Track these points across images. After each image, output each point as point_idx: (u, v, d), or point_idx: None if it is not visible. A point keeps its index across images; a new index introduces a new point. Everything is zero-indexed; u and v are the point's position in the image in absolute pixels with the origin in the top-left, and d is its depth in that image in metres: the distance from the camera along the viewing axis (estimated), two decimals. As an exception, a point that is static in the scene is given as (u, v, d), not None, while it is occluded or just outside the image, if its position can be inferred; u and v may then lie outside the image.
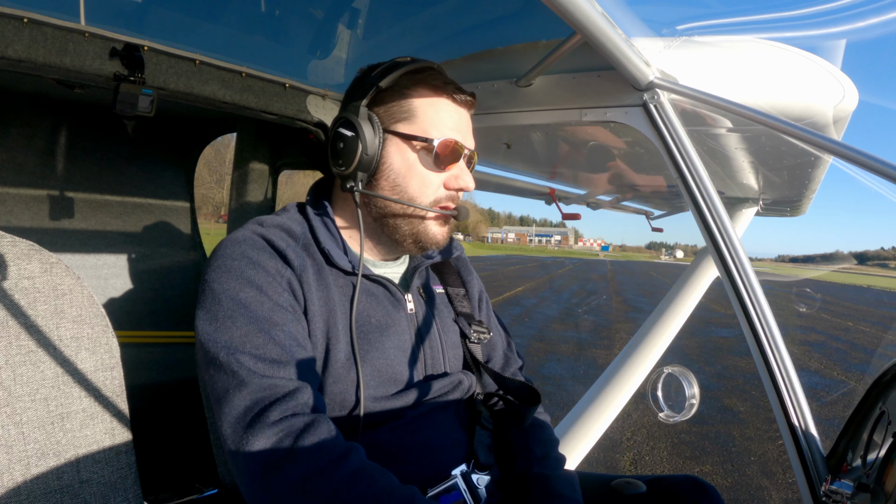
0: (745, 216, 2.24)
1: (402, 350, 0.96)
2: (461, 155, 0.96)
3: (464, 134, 0.97)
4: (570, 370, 6.56)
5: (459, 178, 0.96)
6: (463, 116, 0.98)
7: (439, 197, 0.96)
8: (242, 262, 0.84)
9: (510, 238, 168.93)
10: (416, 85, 0.95)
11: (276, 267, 0.86)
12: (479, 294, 1.21)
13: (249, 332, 0.79)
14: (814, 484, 0.92)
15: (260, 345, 0.78)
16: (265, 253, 0.87)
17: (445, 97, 0.96)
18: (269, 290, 0.83)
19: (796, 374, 0.95)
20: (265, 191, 1.98)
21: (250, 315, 0.80)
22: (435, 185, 0.95)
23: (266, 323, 0.80)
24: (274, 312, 0.82)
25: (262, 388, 0.75)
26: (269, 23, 1.42)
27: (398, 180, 0.94)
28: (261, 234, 0.89)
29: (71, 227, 1.99)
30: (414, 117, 0.94)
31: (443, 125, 0.94)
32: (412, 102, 0.94)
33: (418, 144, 0.94)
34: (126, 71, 1.17)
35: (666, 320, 2.35)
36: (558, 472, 1.04)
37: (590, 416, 2.30)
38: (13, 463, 0.83)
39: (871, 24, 0.98)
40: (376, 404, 0.90)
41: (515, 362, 1.21)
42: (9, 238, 0.88)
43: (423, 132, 0.93)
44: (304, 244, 0.94)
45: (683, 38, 1.10)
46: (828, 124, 1.19)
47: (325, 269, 0.93)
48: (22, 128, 1.89)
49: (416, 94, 0.94)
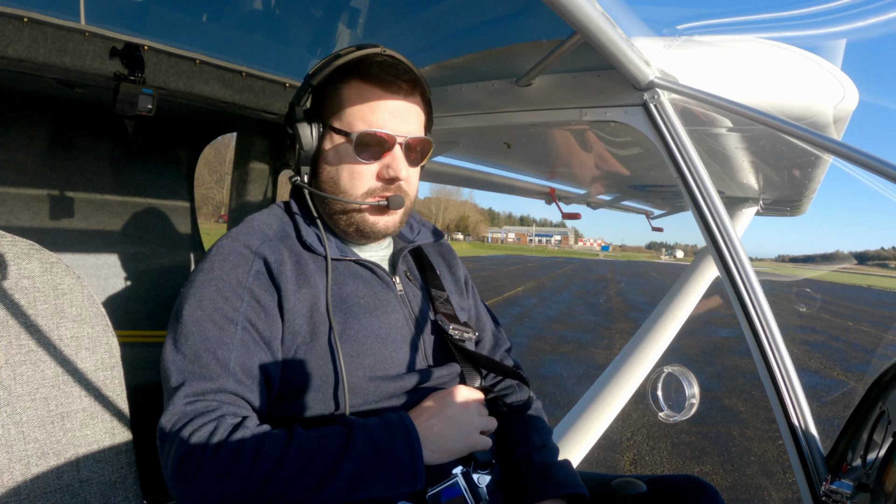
0: (745, 216, 2.24)
1: (394, 328, 0.97)
2: (391, 145, 0.95)
3: (397, 123, 0.96)
4: (570, 370, 6.56)
5: (390, 168, 0.96)
6: (397, 105, 0.96)
7: (373, 187, 0.97)
8: (207, 275, 0.87)
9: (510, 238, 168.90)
10: (349, 77, 0.95)
11: (237, 277, 0.88)
12: (464, 277, 1.23)
13: (197, 351, 0.82)
14: (814, 484, 0.92)
15: (203, 364, 0.82)
16: (230, 262, 0.89)
17: (375, 86, 0.95)
18: (224, 305, 0.85)
19: (796, 374, 0.95)
20: (265, 191, 1.98)
21: (201, 334, 0.83)
22: (366, 177, 0.96)
23: (214, 342, 0.83)
24: (224, 331, 0.84)
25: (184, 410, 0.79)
26: (269, 22, 1.42)
27: (332, 173, 0.97)
28: (236, 237, 0.92)
29: (71, 226, 1.99)
30: (342, 110, 0.95)
31: (370, 117, 0.94)
32: (343, 96, 0.96)
33: (344, 138, 0.95)
34: (126, 70, 1.17)
35: (666, 320, 2.35)
36: (556, 461, 1.05)
37: (590, 416, 2.30)
38: (13, 462, 0.83)
39: (871, 23, 0.98)
40: (372, 385, 0.91)
41: (504, 343, 1.22)
42: (9, 238, 0.88)
43: (347, 125, 0.95)
44: (282, 237, 0.96)
45: (683, 38, 1.10)
46: (828, 124, 1.19)
47: (304, 258, 0.95)
48: (22, 128, 1.88)
49: (348, 86, 0.96)
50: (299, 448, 0.78)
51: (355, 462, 0.77)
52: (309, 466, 0.76)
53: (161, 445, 0.78)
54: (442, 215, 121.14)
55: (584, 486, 1.02)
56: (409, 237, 1.14)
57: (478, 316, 1.21)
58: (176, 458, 0.75)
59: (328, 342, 0.90)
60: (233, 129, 2.22)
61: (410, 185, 1.01)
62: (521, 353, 7.32)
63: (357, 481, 0.77)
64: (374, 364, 0.93)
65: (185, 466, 0.74)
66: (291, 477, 0.75)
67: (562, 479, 1.00)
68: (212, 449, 0.75)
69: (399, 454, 0.81)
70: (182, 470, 0.74)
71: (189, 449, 0.75)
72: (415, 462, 0.81)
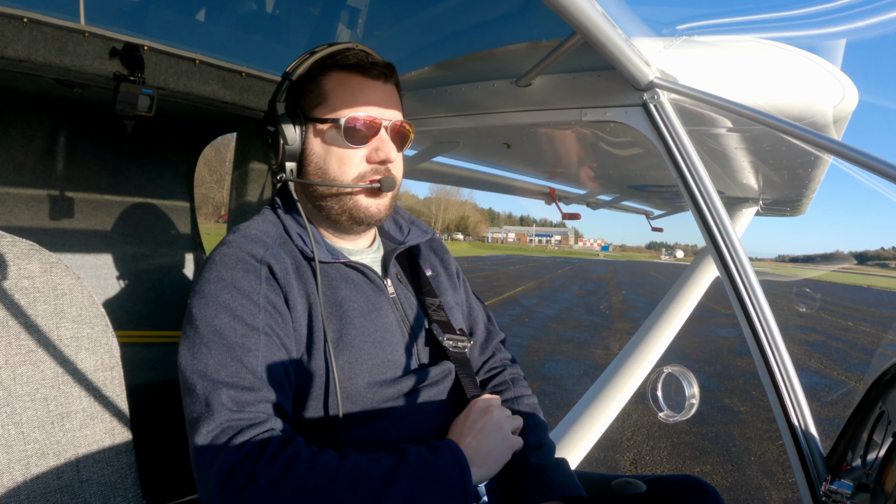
0: (745, 216, 2.24)
1: (389, 332, 0.98)
2: (378, 128, 0.97)
3: (380, 107, 0.98)
4: (570, 370, 6.56)
5: (379, 151, 0.97)
6: (377, 89, 0.99)
7: (363, 171, 0.98)
8: (218, 285, 0.86)
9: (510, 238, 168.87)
10: (328, 69, 0.97)
11: (251, 284, 0.87)
12: (456, 269, 1.23)
13: (223, 360, 0.81)
14: (814, 484, 0.92)
15: (233, 373, 0.80)
16: (240, 270, 0.88)
17: (356, 73, 0.97)
18: (243, 313, 0.84)
19: (796, 374, 0.95)
20: (265, 191, 1.98)
21: (224, 342, 0.82)
22: (356, 161, 0.97)
23: (239, 349, 0.82)
24: (247, 338, 0.83)
25: (230, 421, 0.77)
26: (269, 23, 1.42)
27: (320, 163, 0.98)
28: (239, 246, 0.91)
29: (71, 227, 1.99)
30: (325, 100, 0.97)
31: (354, 102, 0.96)
32: (323, 86, 0.97)
33: (331, 126, 0.96)
34: (126, 71, 1.17)
35: (666, 320, 2.35)
36: (553, 461, 1.05)
37: (590, 416, 2.30)
38: (13, 463, 0.83)
39: (871, 23, 0.98)
40: (370, 391, 0.91)
41: (497, 335, 1.23)
42: (9, 238, 0.88)
43: (333, 113, 0.96)
44: (282, 243, 0.96)
45: (683, 38, 1.10)
46: (828, 124, 1.19)
47: (302, 263, 0.95)
48: (22, 128, 1.88)
49: (327, 77, 0.97)
50: (353, 464, 0.77)
51: (409, 479, 0.77)
52: (362, 482, 0.76)
53: (201, 459, 0.75)
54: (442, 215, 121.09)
55: (581, 486, 1.02)
56: (400, 238, 1.14)
57: (470, 309, 1.22)
58: (223, 469, 0.72)
59: (323, 348, 0.90)
60: (233, 129, 2.22)
61: (398, 168, 1.03)
62: (521, 353, 7.32)
63: (409, 498, 0.76)
64: (373, 368, 0.93)
65: (235, 478, 0.72)
66: (345, 492, 0.74)
67: (558, 482, 1.00)
68: (265, 461, 0.73)
69: (450, 472, 0.82)
70: (230, 481, 0.72)
71: (241, 459, 0.73)
72: (464, 479, 0.82)
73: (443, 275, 1.18)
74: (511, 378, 1.17)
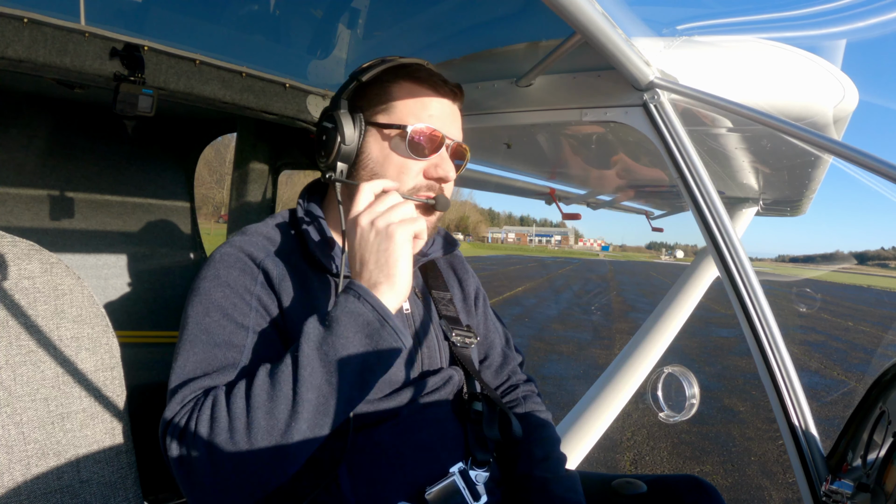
0: (745, 216, 2.24)
1: None
2: (441, 143, 0.95)
3: (446, 123, 0.97)
4: (570, 370, 6.56)
5: (439, 167, 0.95)
6: (445, 106, 0.98)
7: (418, 185, 0.95)
8: (213, 283, 0.86)
9: (510, 238, 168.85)
10: (398, 78, 0.96)
11: (245, 284, 0.87)
12: (475, 291, 1.20)
13: (206, 358, 0.81)
14: (814, 484, 0.92)
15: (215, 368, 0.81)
16: (236, 269, 0.88)
17: (427, 87, 0.96)
18: (234, 311, 0.84)
19: (796, 374, 0.95)
20: (265, 191, 1.98)
21: (210, 341, 0.82)
22: (413, 173, 0.94)
23: (224, 346, 0.82)
24: (234, 335, 0.83)
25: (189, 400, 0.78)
26: (269, 23, 1.42)
27: (375, 168, 0.95)
28: (239, 247, 0.90)
29: (71, 227, 1.99)
30: (393, 107, 0.95)
31: (421, 113, 0.94)
32: (392, 93, 0.95)
33: (395, 132, 0.94)
34: (126, 71, 1.17)
35: (666, 320, 2.35)
36: (559, 474, 1.03)
37: (590, 416, 2.30)
38: (13, 463, 0.83)
39: (871, 24, 0.98)
40: (369, 406, 0.90)
41: (514, 359, 1.21)
42: (9, 238, 0.88)
43: (399, 120, 0.94)
44: (287, 252, 0.94)
45: (683, 38, 1.10)
46: (828, 124, 1.19)
47: (309, 274, 0.93)
48: (22, 128, 1.88)
49: (397, 85, 0.95)
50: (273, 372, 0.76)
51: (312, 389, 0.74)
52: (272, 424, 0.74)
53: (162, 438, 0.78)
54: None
55: (584, 501, 1.01)
56: (423, 249, 1.09)
57: (486, 333, 1.19)
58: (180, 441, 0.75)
59: None
60: (233, 130, 2.22)
61: (450, 190, 1.00)
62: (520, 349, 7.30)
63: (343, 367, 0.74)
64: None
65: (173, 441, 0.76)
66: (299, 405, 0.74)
67: (560, 496, 0.99)
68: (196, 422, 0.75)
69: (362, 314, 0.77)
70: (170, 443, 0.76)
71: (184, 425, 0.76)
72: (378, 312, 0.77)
73: (458, 295, 1.16)
74: (523, 395, 1.16)
